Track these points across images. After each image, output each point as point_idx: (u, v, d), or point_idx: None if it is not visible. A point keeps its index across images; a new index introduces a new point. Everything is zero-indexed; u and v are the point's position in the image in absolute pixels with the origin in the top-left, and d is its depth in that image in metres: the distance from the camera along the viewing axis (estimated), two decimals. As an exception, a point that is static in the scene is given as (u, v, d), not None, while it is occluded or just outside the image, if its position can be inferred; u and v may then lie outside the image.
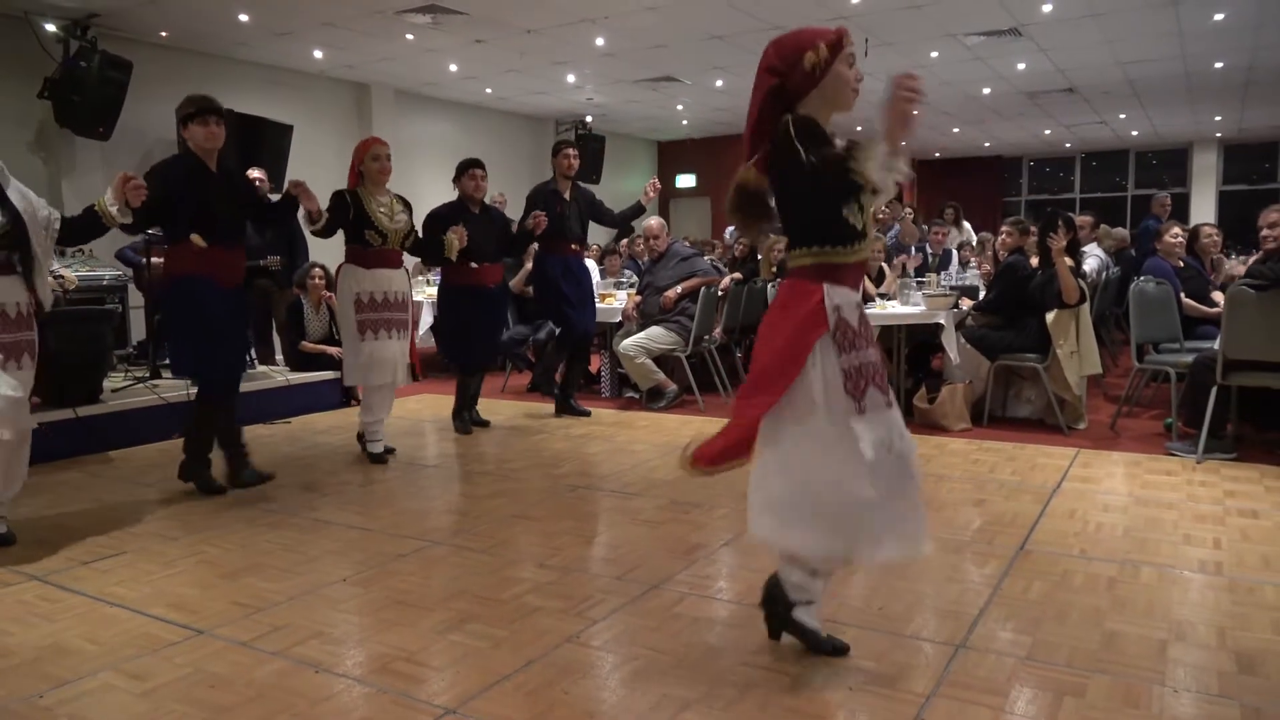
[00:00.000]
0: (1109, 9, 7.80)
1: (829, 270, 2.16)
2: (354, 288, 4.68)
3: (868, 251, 2.23)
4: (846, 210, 2.13)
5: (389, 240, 4.71)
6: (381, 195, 4.72)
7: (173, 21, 7.74)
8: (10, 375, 3.31)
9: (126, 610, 2.82)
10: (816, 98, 2.16)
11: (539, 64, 9.69)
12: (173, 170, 3.90)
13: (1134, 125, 14.59)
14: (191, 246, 3.89)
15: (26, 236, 3.39)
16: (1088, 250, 7.24)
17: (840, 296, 2.14)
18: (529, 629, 2.62)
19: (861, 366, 2.13)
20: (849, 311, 2.15)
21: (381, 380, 4.77)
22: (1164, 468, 4.42)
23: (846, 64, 2.14)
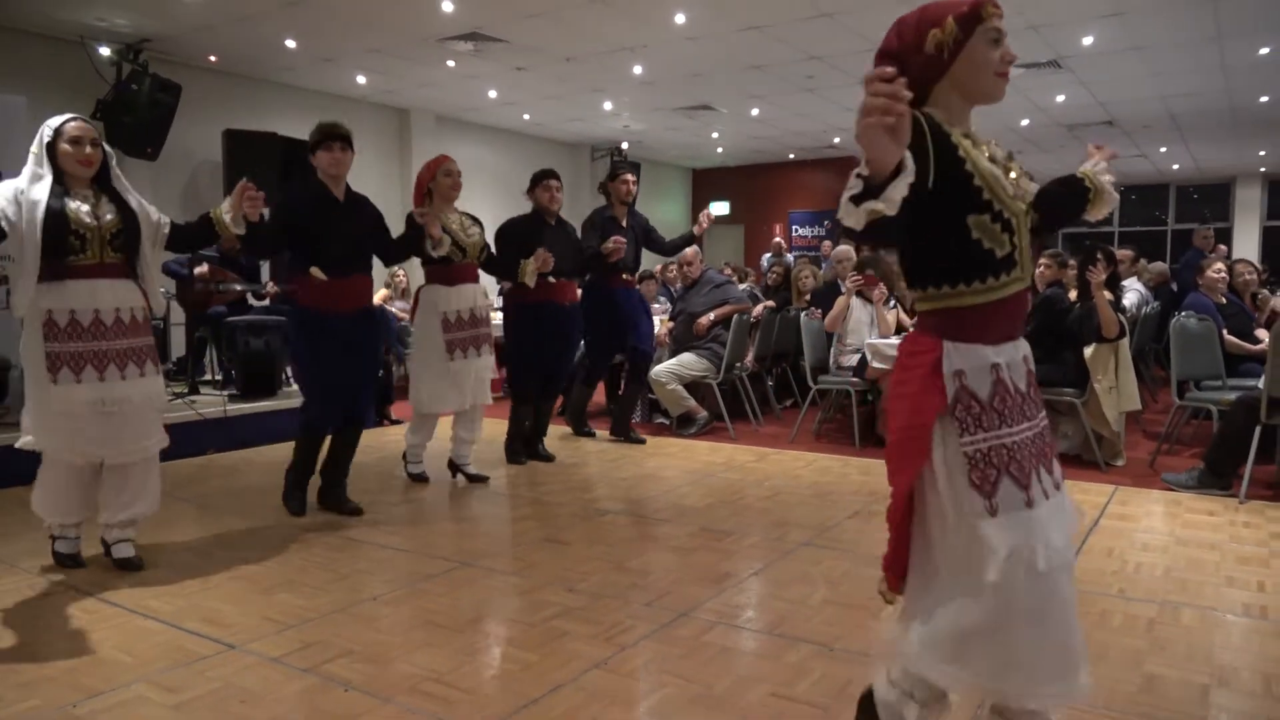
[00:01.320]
0: (1151, 43, 7.75)
1: (953, 319, 1.64)
2: (440, 307, 4.55)
3: (1018, 285, 1.66)
4: (980, 232, 1.60)
5: (468, 255, 4.61)
6: (452, 212, 4.62)
7: (222, 46, 7.94)
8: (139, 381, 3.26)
9: (161, 623, 2.85)
10: (947, 88, 1.66)
11: (577, 91, 9.81)
12: (301, 198, 3.88)
13: (1175, 159, 14.44)
14: (311, 279, 3.86)
15: (139, 237, 3.28)
16: (1127, 284, 7.15)
17: (966, 358, 1.63)
18: (558, 653, 2.61)
19: (992, 451, 1.61)
20: (977, 378, 1.63)
21: (452, 408, 4.64)
22: (1205, 507, 4.32)
23: (988, 42, 1.62)
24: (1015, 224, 1.64)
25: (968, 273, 1.63)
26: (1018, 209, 1.65)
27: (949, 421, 1.62)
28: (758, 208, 15.71)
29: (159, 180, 8.14)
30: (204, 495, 4.55)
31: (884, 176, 1.37)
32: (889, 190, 1.37)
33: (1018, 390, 1.66)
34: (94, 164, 3.17)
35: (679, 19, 7.16)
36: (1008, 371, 1.66)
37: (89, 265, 3.15)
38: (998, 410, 1.63)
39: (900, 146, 1.35)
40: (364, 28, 7.42)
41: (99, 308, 3.17)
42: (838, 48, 7.95)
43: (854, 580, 3.25)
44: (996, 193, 1.61)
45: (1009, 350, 1.67)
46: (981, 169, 1.60)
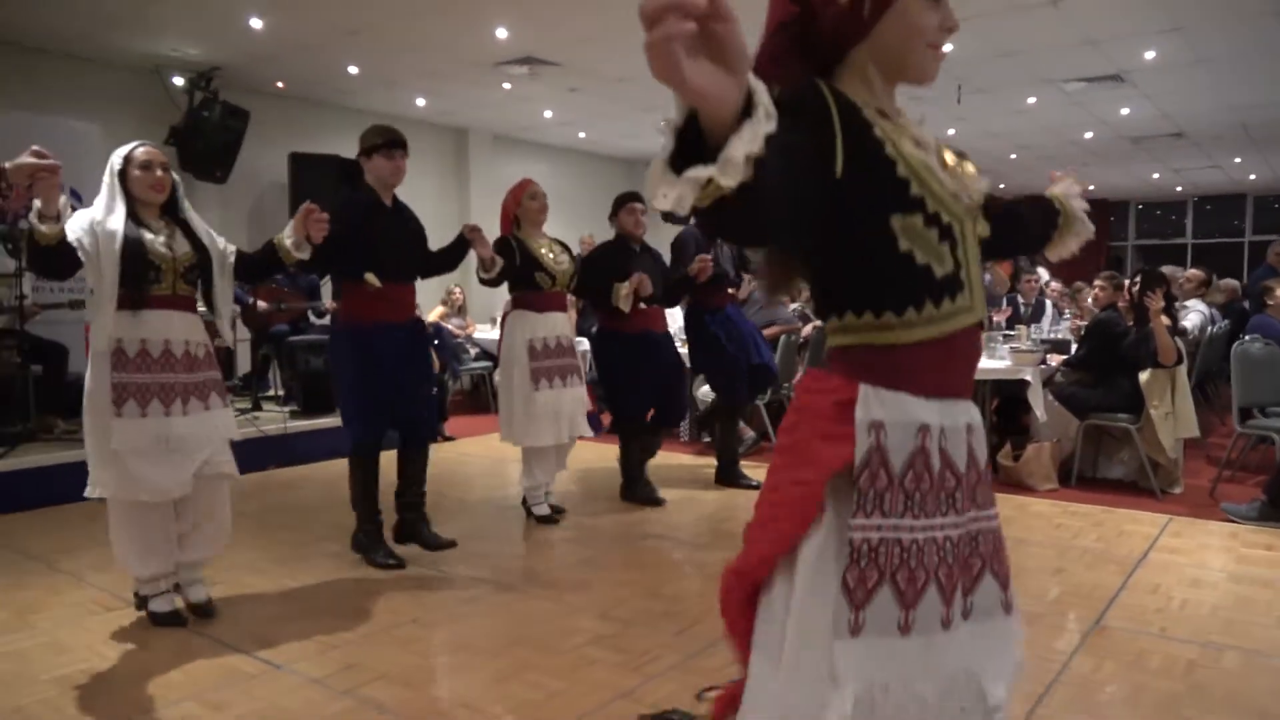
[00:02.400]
0: (1215, 56, 7.54)
1: (876, 359, 1.22)
2: (527, 334, 4.40)
3: (967, 318, 1.24)
4: (908, 238, 1.19)
5: (558, 282, 4.47)
6: (540, 238, 4.49)
7: (288, 73, 8.24)
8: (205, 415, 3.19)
9: (213, 641, 2.99)
10: (864, 57, 1.25)
11: (630, 110, 9.91)
12: (349, 207, 3.69)
13: (1251, 169, 13.95)
14: (365, 288, 3.67)
15: (210, 270, 3.25)
16: (1189, 305, 6.96)
17: (889, 408, 1.20)
18: (585, 681, 2.67)
19: (881, 545, 1.18)
20: (897, 437, 1.19)
21: (548, 440, 4.43)
22: (1264, 541, 4.20)
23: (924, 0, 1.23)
24: (958, 232, 1.23)
25: (897, 296, 1.20)
26: (960, 212, 1.24)
27: (843, 489, 1.19)
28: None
29: (228, 202, 8.47)
30: (262, 511, 4.72)
31: (722, 126, 0.89)
32: (729, 147, 0.88)
33: (949, 469, 1.22)
34: (165, 189, 3.16)
35: (729, 40, 7.21)
36: (940, 439, 1.22)
37: (163, 296, 3.09)
38: (906, 491, 1.19)
39: (729, 75, 0.86)
40: (421, 53, 7.63)
41: (170, 339, 3.13)
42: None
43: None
44: (929, 186, 1.20)
45: (950, 411, 1.24)
46: (907, 155, 1.20)
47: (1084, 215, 1.66)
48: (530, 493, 4.61)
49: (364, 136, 3.83)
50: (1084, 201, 1.68)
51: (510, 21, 6.78)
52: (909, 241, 1.17)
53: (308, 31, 7.00)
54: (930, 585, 1.19)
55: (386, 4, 6.36)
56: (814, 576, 1.19)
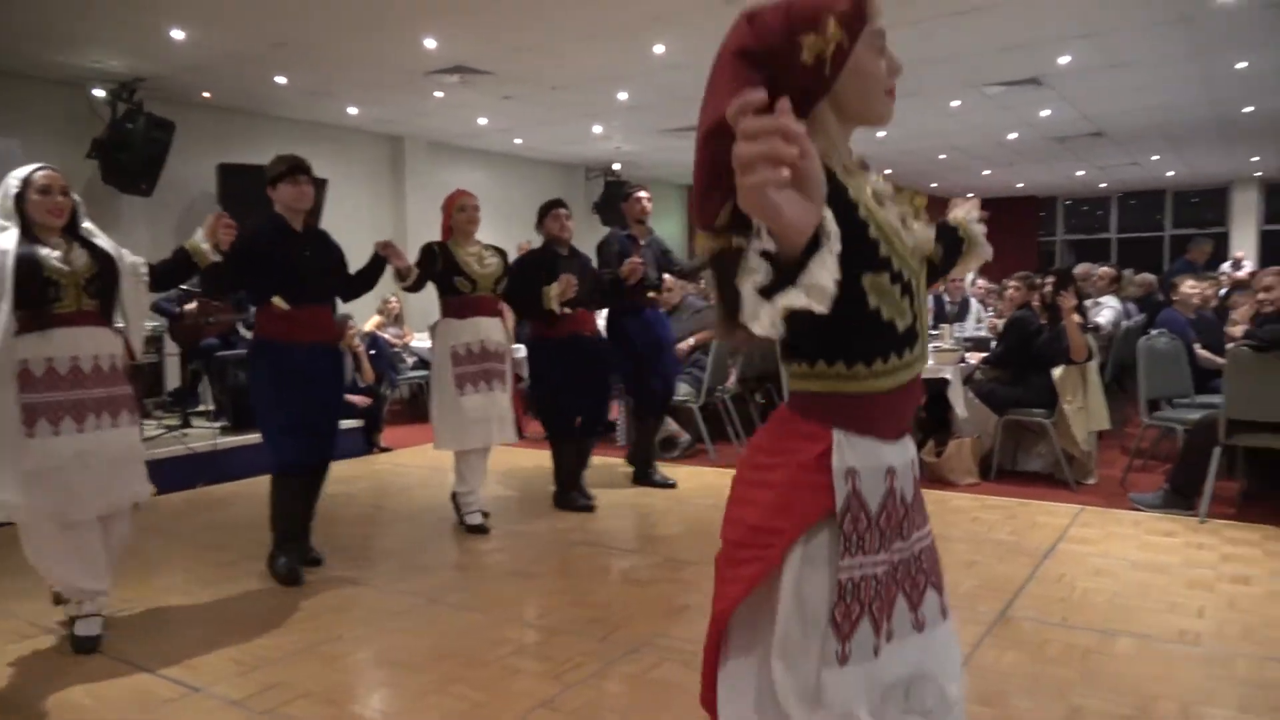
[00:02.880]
0: (1129, 60, 7.83)
1: (845, 406, 1.29)
2: (450, 340, 4.50)
3: (920, 366, 1.35)
4: (877, 295, 1.25)
5: (479, 286, 4.54)
6: (470, 245, 4.59)
7: (214, 83, 8.13)
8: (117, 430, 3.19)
9: (131, 665, 2.98)
10: (826, 108, 1.30)
11: (566, 117, 9.96)
12: (259, 232, 3.77)
13: (1169, 166, 14.48)
14: (276, 309, 3.77)
15: (115, 282, 3.23)
16: (1103, 302, 7.22)
17: (860, 455, 1.29)
18: (507, 692, 2.73)
19: (863, 582, 1.28)
20: (870, 482, 1.29)
21: (478, 443, 4.53)
22: (1165, 528, 4.40)
23: (873, 50, 1.28)
24: (915, 286, 1.32)
25: (866, 349, 1.28)
26: (916, 267, 1.33)
27: (826, 534, 1.27)
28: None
29: (154, 216, 8.33)
30: (190, 531, 4.68)
31: (795, 251, 1.00)
32: (811, 272, 1.00)
33: (903, 502, 1.34)
34: (64, 213, 3.13)
35: (658, 49, 7.29)
36: (901, 479, 1.34)
37: (67, 313, 3.08)
38: (882, 529, 1.30)
39: (812, 205, 0.98)
40: (350, 64, 7.59)
41: (78, 355, 3.11)
42: (817, 71, 8.05)
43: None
44: (895, 247, 1.28)
45: (901, 450, 1.35)
46: (876, 216, 1.28)
47: (983, 239, 1.71)
48: (463, 499, 4.65)
49: (268, 168, 3.89)
50: (982, 224, 1.73)
51: (438, 32, 6.78)
52: (877, 298, 1.25)
53: (233, 43, 6.92)
54: (890, 607, 1.31)
55: (311, 17, 6.33)
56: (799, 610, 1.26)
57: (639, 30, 6.80)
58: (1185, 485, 4.68)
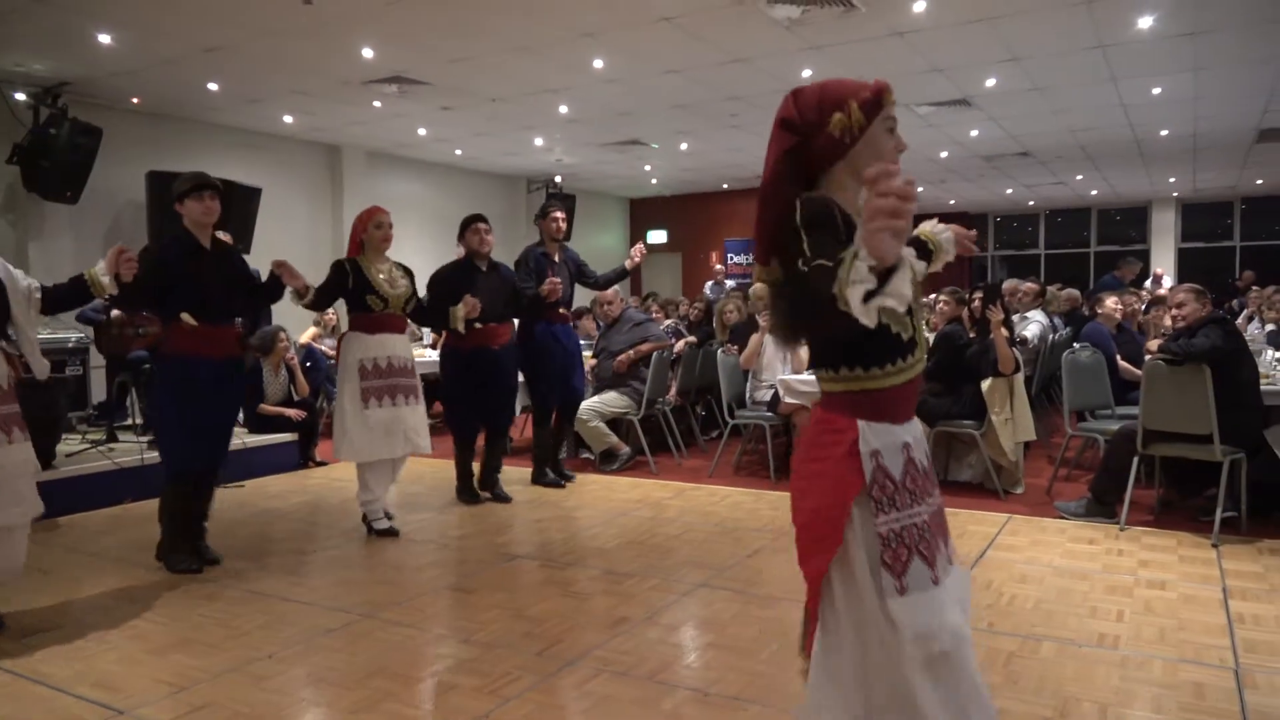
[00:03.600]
0: (1050, 84, 8.13)
1: (865, 400, 1.68)
2: (358, 355, 4.62)
3: (919, 367, 1.73)
4: (888, 316, 1.52)
5: (390, 305, 4.68)
6: (381, 263, 4.71)
7: (144, 89, 7.94)
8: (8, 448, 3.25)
9: (51, 689, 2.88)
10: (845, 170, 1.69)
11: (506, 129, 9.96)
12: (168, 251, 3.95)
13: (1092, 186, 15.03)
14: (184, 325, 3.93)
15: (8, 305, 3.31)
16: (1030, 316, 7.46)
17: (880, 437, 1.68)
18: (441, 708, 2.71)
19: (904, 530, 1.66)
20: (891, 456, 1.68)
21: (382, 455, 4.64)
22: (1088, 535, 4.56)
23: (886, 129, 1.69)
24: (914, 307, 1.67)
25: (879, 356, 1.67)
26: (916, 292, 1.67)
27: (865, 501, 1.66)
28: (694, 236, 15.98)
29: (80, 224, 8.09)
30: (116, 547, 4.55)
31: (886, 267, 1.36)
32: (894, 284, 1.37)
33: (923, 468, 1.74)
34: None
35: (597, 64, 7.35)
36: (916, 450, 1.73)
37: None
38: (909, 489, 1.69)
39: (902, 243, 1.34)
40: (286, 71, 7.49)
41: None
42: (756, 88, 8.20)
43: (742, 621, 3.39)
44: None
45: (914, 428, 1.75)
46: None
47: (949, 245, 1.96)
48: (368, 507, 4.75)
49: (175, 185, 4.04)
50: (947, 230, 2.00)
51: (375, 42, 6.74)
52: (888, 318, 1.50)
53: (162, 48, 6.78)
54: (936, 548, 1.71)
55: (245, 22, 6.23)
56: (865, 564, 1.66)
57: (574, 45, 6.84)
58: (1106, 494, 4.85)
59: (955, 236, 2.02)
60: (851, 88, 1.68)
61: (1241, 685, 2.80)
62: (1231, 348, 4.47)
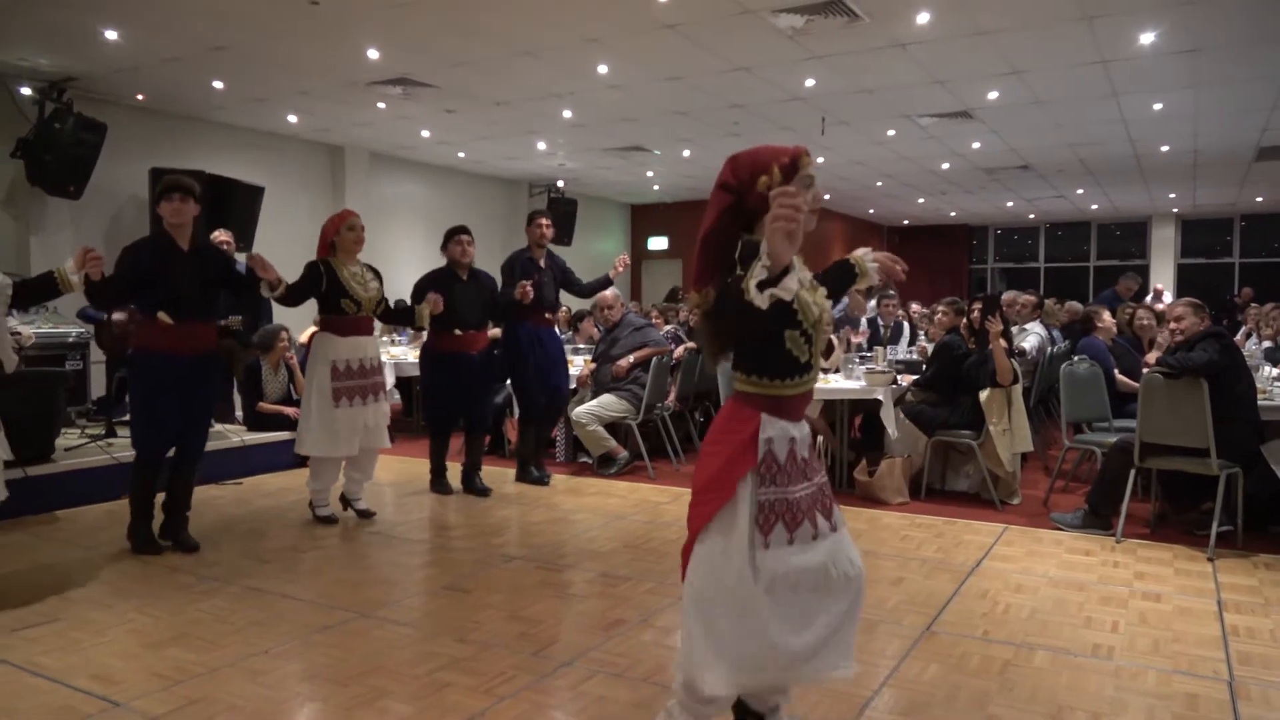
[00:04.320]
0: (1051, 98, 8.17)
1: (768, 401, 2.13)
2: (329, 355, 4.79)
3: (812, 384, 2.20)
4: (790, 343, 2.09)
5: (363, 308, 4.86)
6: (353, 265, 4.87)
7: (148, 85, 7.95)
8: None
9: (48, 680, 2.88)
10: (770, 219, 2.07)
11: (509, 132, 9.97)
12: (144, 251, 4.14)
13: (1092, 200, 15.07)
14: (159, 322, 4.12)
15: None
16: (1029, 328, 7.48)
17: (775, 429, 2.12)
18: (436, 706, 2.71)
19: (776, 502, 2.10)
20: (779, 445, 2.12)
21: (344, 452, 4.86)
22: (1084, 547, 4.57)
23: (802, 186, 2.06)
24: (814, 337, 2.15)
25: (782, 371, 2.13)
26: (818, 324, 2.16)
27: (753, 476, 2.12)
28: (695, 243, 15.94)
29: (82, 219, 8.10)
30: (113, 542, 4.54)
31: (779, 271, 1.87)
32: (786, 281, 1.87)
33: (803, 459, 2.19)
34: None
35: (601, 69, 7.37)
36: (800, 445, 2.18)
37: None
38: (787, 471, 2.14)
39: (794, 248, 1.85)
40: (291, 71, 7.51)
41: None
42: (758, 97, 8.23)
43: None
44: (806, 314, 2.11)
45: (802, 428, 2.21)
46: (801, 296, 2.06)
47: (872, 270, 2.54)
48: (316, 494, 5.00)
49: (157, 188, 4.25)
50: (873, 258, 2.56)
51: (380, 43, 6.75)
52: (790, 344, 2.10)
53: (168, 45, 6.79)
54: (805, 518, 2.15)
55: (251, 22, 6.25)
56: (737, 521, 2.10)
57: (579, 50, 6.87)
58: (1102, 506, 4.86)
59: (881, 262, 2.55)
60: (774, 153, 2.08)
61: (1235, 697, 2.81)
62: (1229, 362, 4.49)
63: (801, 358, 2.13)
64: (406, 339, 8.75)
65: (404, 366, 7.86)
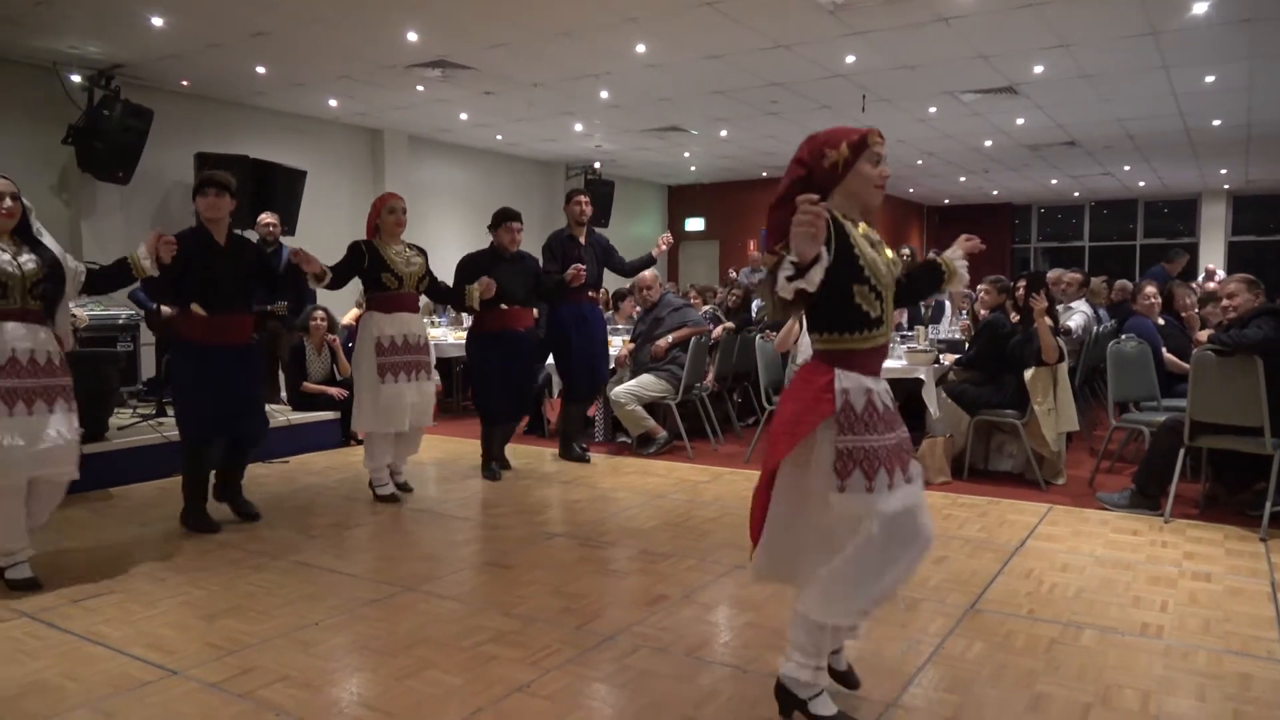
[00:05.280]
0: (1100, 71, 7.98)
1: (843, 357, 2.26)
2: (374, 332, 4.86)
3: (885, 338, 2.31)
4: (860, 298, 2.23)
5: (405, 283, 4.92)
6: (396, 244, 4.96)
7: (193, 72, 8.08)
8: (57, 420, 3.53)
9: (108, 649, 2.97)
10: (840, 194, 2.29)
11: (547, 114, 9.98)
12: (184, 243, 4.12)
13: (1140, 177, 14.74)
14: (193, 314, 4.19)
15: (62, 286, 3.58)
16: (1074, 306, 7.35)
17: (849, 380, 2.24)
18: (483, 678, 2.75)
19: (854, 450, 2.21)
20: (856, 396, 2.24)
21: (392, 428, 4.91)
22: (1131, 527, 4.50)
23: (870, 162, 2.26)
24: (884, 294, 2.30)
25: (853, 325, 2.26)
26: (888, 283, 2.32)
27: (830, 423, 2.24)
28: (732, 224, 15.92)
29: (130, 203, 8.27)
30: (165, 519, 4.66)
31: (807, 263, 2.06)
32: (810, 274, 2.07)
33: (884, 407, 2.30)
34: (14, 217, 3.43)
35: (640, 49, 7.34)
36: (878, 395, 2.30)
37: (10, 310, 3.41)
38: (865, 422, 2.25)
39: (818, 245, 2.07)
40: (332, 56, 7.58)
41: (15, 348, 3.41)
42: (798, 75, 8.15)
43: (778, 601, 3.40)
44: (874, 271, 2.26)
45: (877, 381, 2.33)
46: (865, 254, 2.25)
47: (962, 271, 2.67)
48: (375, 474, 5.05)
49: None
50: (966, 261, 2.70)
51: (420, 26, 6.79)
52: (859, 298, 2.24)
53: (212, 32, 6.89)
54: (882, 467, 2.24)
55: (293, 7, 6.32)
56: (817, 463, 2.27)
57: (618, 30, 6.84)
58: (1150, 486, 4.78)
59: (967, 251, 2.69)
60: (847, 132, 2.28)
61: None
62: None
63: (872, 312, 2.26)
64: (447, 320, 8.82)
65: (444, 348, 7.93)
